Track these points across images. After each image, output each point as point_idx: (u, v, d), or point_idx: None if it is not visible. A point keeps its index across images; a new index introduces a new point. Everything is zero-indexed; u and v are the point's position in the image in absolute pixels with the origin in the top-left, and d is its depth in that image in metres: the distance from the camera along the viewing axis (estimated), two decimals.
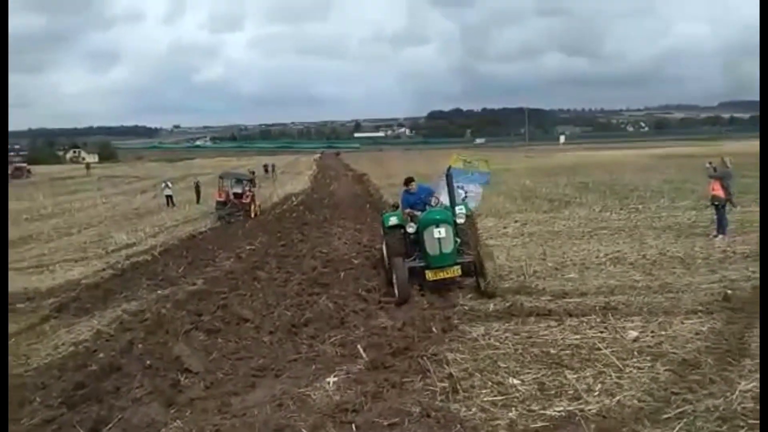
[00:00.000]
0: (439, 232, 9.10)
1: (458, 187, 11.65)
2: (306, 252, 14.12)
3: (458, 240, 9.47)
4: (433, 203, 10.02)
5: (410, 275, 9.05)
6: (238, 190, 25.07)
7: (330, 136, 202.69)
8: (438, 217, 9.33)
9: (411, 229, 9.59)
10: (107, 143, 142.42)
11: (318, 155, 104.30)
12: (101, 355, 7.35)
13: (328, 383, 5.97)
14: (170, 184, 32.76)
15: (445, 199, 10.40)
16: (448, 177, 10.39)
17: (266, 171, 53.42)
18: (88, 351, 7.57)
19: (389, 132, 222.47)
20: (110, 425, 5.32)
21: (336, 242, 15.46)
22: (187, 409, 5.62)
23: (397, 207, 10.86)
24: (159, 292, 10.89)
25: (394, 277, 8.98)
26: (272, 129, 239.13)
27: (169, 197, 31.47)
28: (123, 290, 11.38)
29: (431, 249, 9.16)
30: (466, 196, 12.35)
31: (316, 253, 13.84)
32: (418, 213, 9.83)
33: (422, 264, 9.31)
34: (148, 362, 6.91)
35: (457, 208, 9.94)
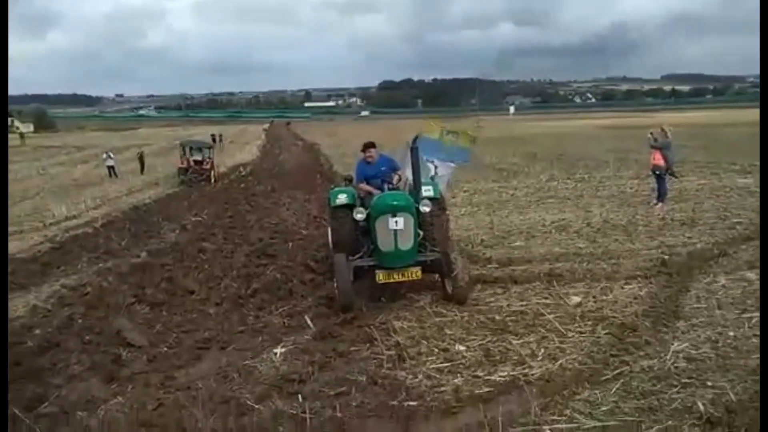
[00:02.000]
0: (396, 222, 6.97)
1: (428, 161, 9.76)
2: (254, 223, 13.90)
3: (420, 233, 7.40)
4: (394, 181, 8.01)
5: (357, 275, 7.24)
6: (199, 158, 26.31)
7: (279, 106, 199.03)
8: (395, 202, 7.13)
9: (360, 216, 7.47)
10: (44, 112, 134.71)
11: (267, 125, 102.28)
12: (38, 331, 7.04)
13: (275, 354, 5.92)
14: (112, 155, 31.57)
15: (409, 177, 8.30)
16: (414, 150, 8.21)
17: (213, 141, 52.00)
18: (24, 327, 7.21)
19: (340, 102, 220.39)
20: (46, 403, 5.12)
21: (284, 213, 15.26)
22: (128, 384, 5.47)
23: (351, 181, 8.73)
24: (100, 265, 10.47)
25: (335, 278, 7.26)
26: (219, 98, 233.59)
27: (111, 168, 30.38)
28: (62, 264, 10.89)
29: (384, 244, 7.07)
30: (436, 174, 10.07)
31: (264, 223, 13.64)
32: (377, 191, 7.87)
33: (372, 262, 7.27)
34: (87, 337, 6.67)
35: (423, 189, 7.89)
